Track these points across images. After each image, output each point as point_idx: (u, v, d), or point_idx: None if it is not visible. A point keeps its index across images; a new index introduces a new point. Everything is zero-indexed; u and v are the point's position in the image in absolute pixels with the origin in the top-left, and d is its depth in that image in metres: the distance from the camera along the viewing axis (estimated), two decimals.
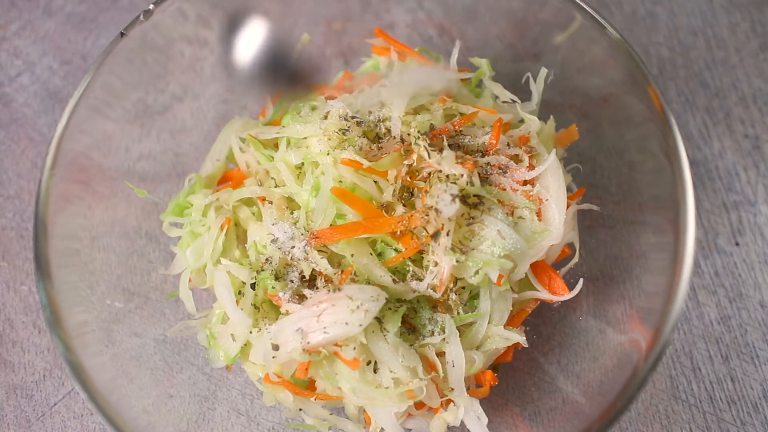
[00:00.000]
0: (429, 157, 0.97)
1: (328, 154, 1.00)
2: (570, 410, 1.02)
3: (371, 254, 0.99)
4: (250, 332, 1.00)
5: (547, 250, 1.02)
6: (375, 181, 1.01)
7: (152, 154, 1.21)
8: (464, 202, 0.96)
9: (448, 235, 0.94)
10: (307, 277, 1.00)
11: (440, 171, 0.97)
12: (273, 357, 0.96)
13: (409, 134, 1.01)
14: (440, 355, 0.98)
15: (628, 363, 0.94)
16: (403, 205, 0.99)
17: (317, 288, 0.98)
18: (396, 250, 0.99)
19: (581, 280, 1.05)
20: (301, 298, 0.98)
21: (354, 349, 0.94)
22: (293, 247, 0.99)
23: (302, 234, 1.00)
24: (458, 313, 0.99)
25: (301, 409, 1.03)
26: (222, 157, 1.16)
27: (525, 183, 1.02)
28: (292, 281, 0.99)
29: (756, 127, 1.35)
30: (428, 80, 1.08)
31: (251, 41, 0.72)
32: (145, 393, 1.02)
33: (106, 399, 0.90)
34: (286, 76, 0.75)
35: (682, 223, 0.93)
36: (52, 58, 1.43)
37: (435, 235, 0.94)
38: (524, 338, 1.02)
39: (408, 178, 1.00)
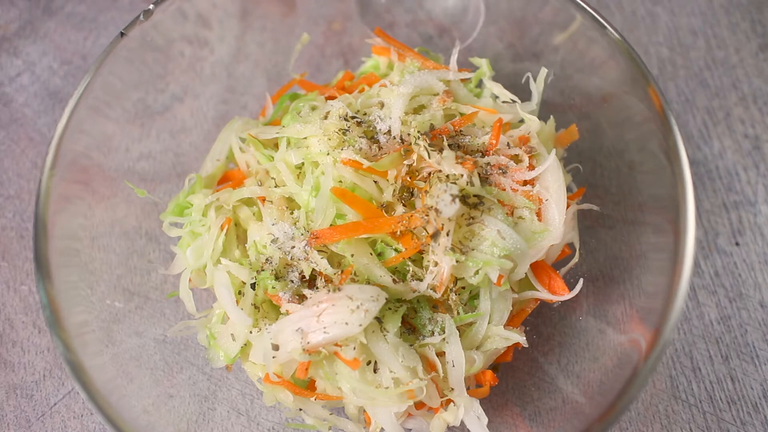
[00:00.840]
0: (429, 157, 0.97)
1: (328, 154, 1.00)
2: (570, 410, 1.02)
3: (371, 254, 0.99)
4: (250, 332, 1.00)
5: (547, 250, 1.02)
6: (375, 181, 1.01)
7: (152, 154, 1.21)
8: (464, 202, 0.96)
9: (448, 235, 0.94)
10: (307, 277, 1.00)
11: (440, 171, 0.97)
12: (273, 357, 0.96)
13: (409, 134, 1.01)
14: (440, 355, 0.98)
15: (628, 363, 0.94)
16: (403, 205, 0.99)
17: (317, 288, 0.98)
18: (396, 250, 0.99)
19: (581, 280, 1.05)
20: (301, 298, 0.98)
21: (354, 349, 0.94)
22: (293, 247, 0.99)
23: (302, 234, 1.00)
24: (458, 313, 0.99)
25: (301, 409, 1.03)
26: (222, 157, 1.16)
27: (525, 183, 1.02)
28: (292, 281, 0.99)
29: (756, 127, 1.35)
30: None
31: None
32: (145, 393, 1.02)
33: (106, 399, 0.90)
34: None
35: (682, 223, 0.93)
36: (52, 58, 1.43)
37: (435, 235, 0.94)
38: (524, 338, 1.02)
39: (408, 178, 1.00)
